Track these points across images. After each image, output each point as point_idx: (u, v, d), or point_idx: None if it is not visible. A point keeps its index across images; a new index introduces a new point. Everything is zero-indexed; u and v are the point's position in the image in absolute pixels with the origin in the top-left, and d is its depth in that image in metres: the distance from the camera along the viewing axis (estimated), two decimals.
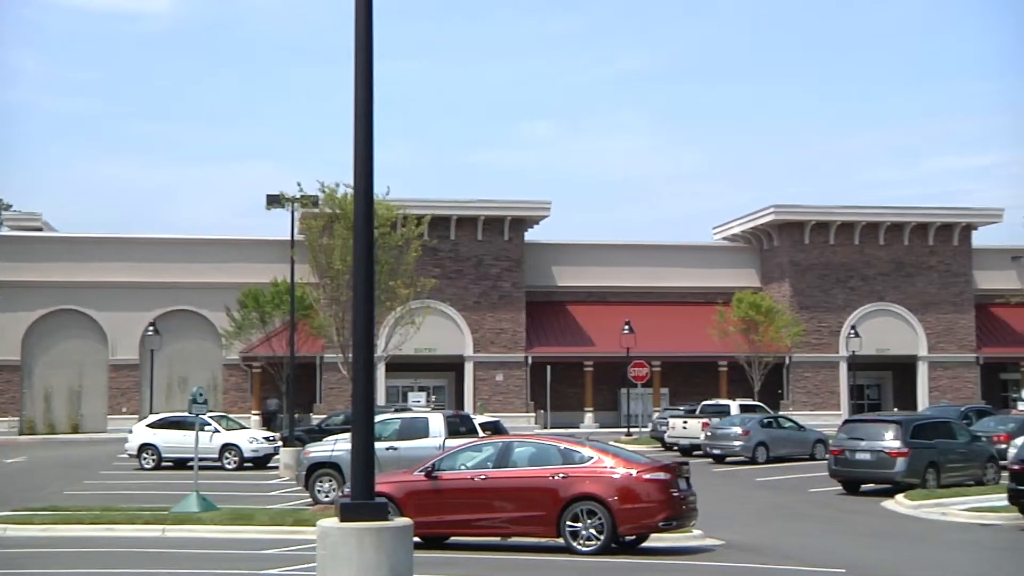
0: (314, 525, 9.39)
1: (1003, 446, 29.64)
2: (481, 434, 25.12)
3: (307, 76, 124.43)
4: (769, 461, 34.91)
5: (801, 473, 31.67)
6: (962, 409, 38.85)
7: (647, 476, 16.26)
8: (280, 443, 34.82)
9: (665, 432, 41.03)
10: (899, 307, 55.75)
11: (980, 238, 57.67)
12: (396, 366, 48.95)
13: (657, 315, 55.81)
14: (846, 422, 29.73)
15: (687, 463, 17.81)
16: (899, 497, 24.01)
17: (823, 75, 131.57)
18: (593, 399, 54.64)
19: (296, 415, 38.22)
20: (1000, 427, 33.20)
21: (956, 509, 22.36)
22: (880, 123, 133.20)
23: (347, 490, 11.90)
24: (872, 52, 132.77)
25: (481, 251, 54.51)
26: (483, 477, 16.86)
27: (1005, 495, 20.94)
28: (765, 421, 36.95)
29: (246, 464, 34.71)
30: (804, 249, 55.69)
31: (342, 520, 9.03)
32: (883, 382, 59.01)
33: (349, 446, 9.85)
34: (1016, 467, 20.38)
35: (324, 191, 36.62)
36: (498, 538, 17.39)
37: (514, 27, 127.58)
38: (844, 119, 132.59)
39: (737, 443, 35.31)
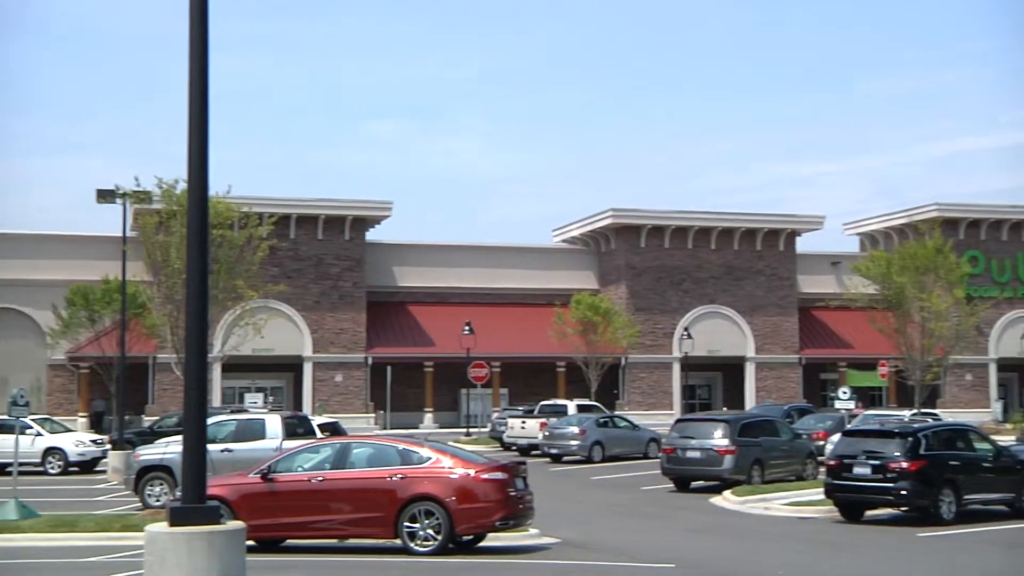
0: (143, 531, 9.14)
1: (821, 443, 31.20)
2: (319, 435, 24.88)
3: (144, 69, 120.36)
4: (605, 460, 35.68)
5: (635, 471, 32.50)
6: (785, 408, 40.62)
7: (485, 476, 16.43)
8: (108, 446, 33.65)
9: (504, 432, 41.44)
10: (729, 310, 57.81)
11: (803, 244, 60.39)
12: (233, 367, 47.91)
13: (497, 316, 56.30)
14: (678, 421, 30.69)
15: (524, 463, 18.08)
16: (726, 493, 24.95)
17: (665, 82, 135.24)
18: (433, 400, 54.73)
19: (127, 417, 36.99)
20: (819, 425, 34.92)
21: (778, 504, 23.40)
22: (715, 130, 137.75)
23: (179, 494, 11.63)
24: (711, 61, 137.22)
25: (322, 250, 53.92)
26: (320, 479, 16.73)
27: (822, 490, 22.08)
28: (601, 421, 37.76)
29: (72, 468, 33.40)
30: (640, 252, 57.13)
31: (172, 524, 8.83)
32: (714, 382, 61.08)
33: (181, 448, 9.65)
34: (832, 463, 21.50)
35: (161, 187, 35.64)
36: (335, 540, 17.28)
37: (358, 27, 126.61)
38: (683, 125, 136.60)
39: (574, 443, 35.96)
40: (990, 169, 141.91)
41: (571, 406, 41.26)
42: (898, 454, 20.40)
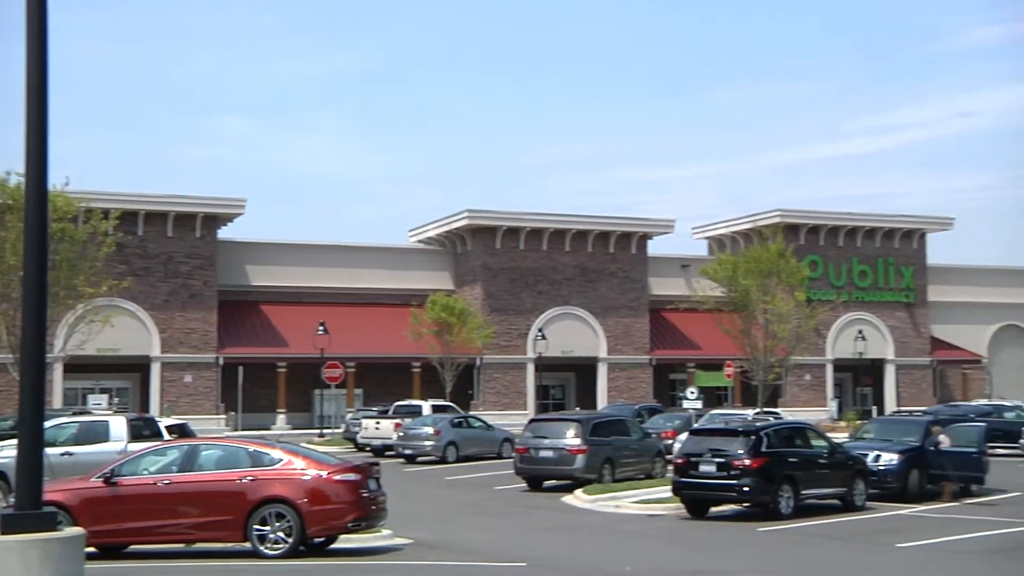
0: None
1: (670, 442, 32.00)
2: (167, 437, 24.23)
3: None
4: (459, 460, 35.78)
5: (489, 471, 32.70)
6: (636, 407, 41.52)
7: (337, 477, 16.29)
8: None
9: (358, 433, 41.14)
10: (582, 311, 58.70)
11: (654, 247, 61.81)
12: (76, 367, 46.14)
13: (352, 316, 55.84)
14: (531, 421, 31.00)
15: (378, 463, 18.01)
16: (578, 492, 25.35)
17: (522, 84, 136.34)
18: (286, 400, 53.89)
19: None
20: (668, 424, 35.82)
21: (628, 502, 23.90)
22: (570, 133, 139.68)
23: (12, 500, 11.17)
24: (566, 65, 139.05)
25: (171, 248, 52.45)
26: (167, 482, 16.29)
27: (670, 487, 22.67)
28: (455, 421, 37.85)
29: None
30: (496, 254, 57.49)
31: (4, 533, 8.48)
32: (567, 382, 61.94)
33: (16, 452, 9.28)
34: (680, 461, 22.11)
35: None
36: (182, 545, 16.86)
37: (209, 18, 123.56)
38: (538, 128, 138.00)
39: (428, 443, 35.95)
40: (830, 177, 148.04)
41: (426, 406, 41.22)
42: (741, 452, 21.10)
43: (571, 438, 27.20)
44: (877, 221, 63.82)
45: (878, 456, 24.37)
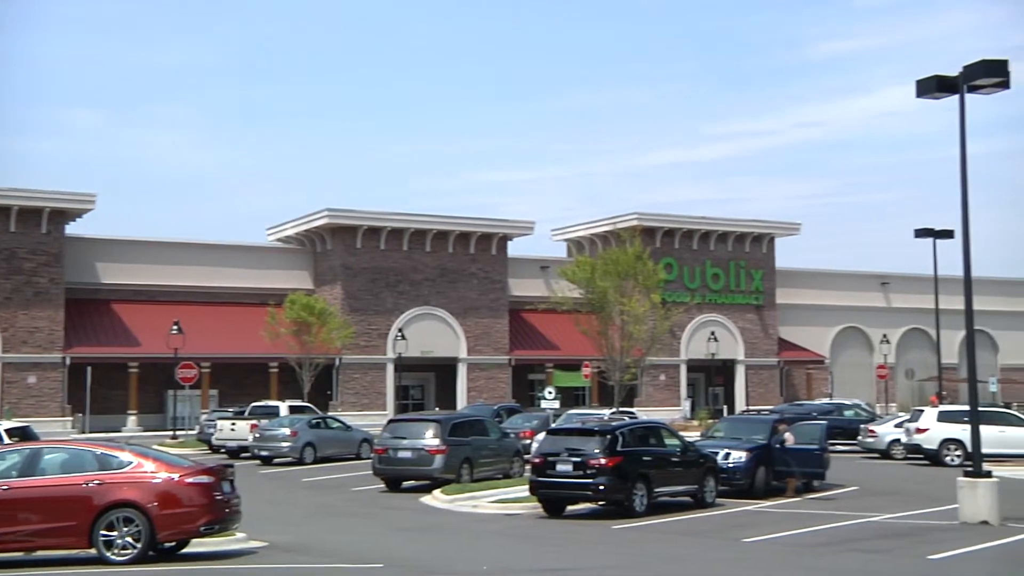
0: None
1: (528, 441, 32.31)
2: (7, 441, 23.26)
3: None
4: (317, 461, 35.41)
5: (347, 472, 32.47)
6: (495, 408, 41.79)
7: (189, 480, 15.94)
8: None
9: (212, 435, 40.31)
10: (443, 311, 58.77)
11: (515, 248, 62.32)
12: None
13: (208, 315, 54.61)
14: (390, 422, 30.90)
15: (232, 465, 17.69)
16: (436, 492, 25.40)
17: (381, 84, 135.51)
18: (138, 402, 52.32)
19: None
20: (526, 424, 36.15)
21: (486, 502, 24.07)
22: (434, 134, 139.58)
23: None
24: (428, 66, 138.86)
25: (14, 244, 50.31)
26: (6, 487, 15.65)
27: (527, 487, 22.93)
28: (313, 422, 37.44)
29: None
30: (356, 253, 57.05)
31: None
32: (427, 383, 61.89)
33: None
34: (537, 460, 22.38)
35: None
36: (22, 553, 16.23)
37: (53, 5, 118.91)
38: (400, 127, 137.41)
39: (285, 444, 35.48)
40: (686, 181, 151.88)
41: (283, 407, 40.64)
42: (597, 451, 21.49)
43: (430, 438, 27.24)
44: (729, 225, 65.81)
45: (728, 454, 25.19)
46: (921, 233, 45.83)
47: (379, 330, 57.16)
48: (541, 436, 28.32)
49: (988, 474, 20.45)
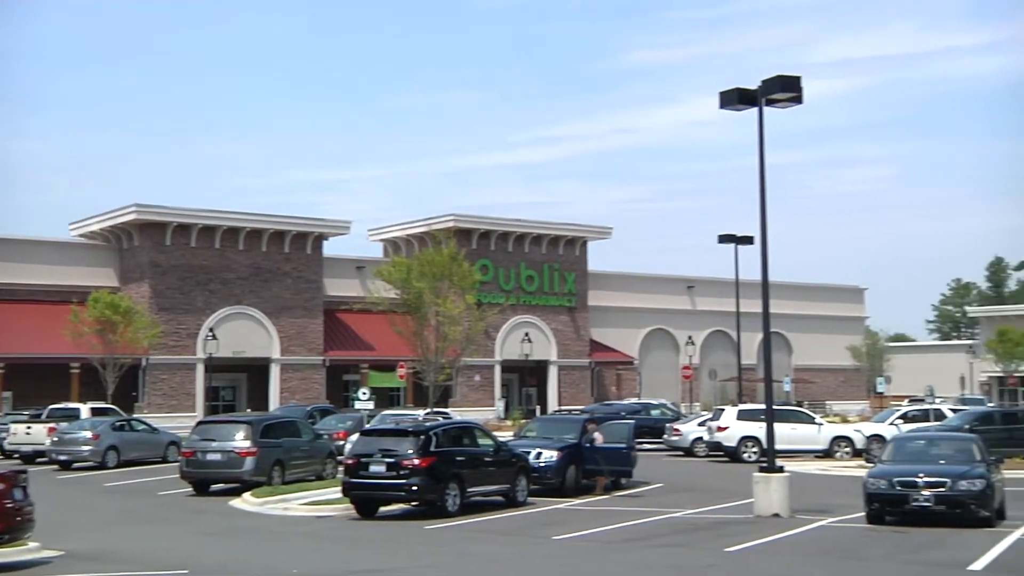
0: None
1: (342, 443, 32.07)
2: None
3: None
4: (121, 465, 34.19)
5: (153, 476, 31.44)
6: (308, 409, 41.29)
7: None
8: None
9: (5, 439, 38.34)
10: (256, 311, 57.57)
11: (330, 248, 61.67)
12: None
13: (3, 313, 51.82)
14: (199, 423, 30.12)
15: (26, 471, 16.86)
16: (246, 495, 24.90)
17: (195, 79, 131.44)
18: None
19: None
20: (340, 425, 35.87)
21: (297, 504, 23.77)
22: (248, 131, 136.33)
23: None
24: (241, 63, 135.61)
25: None
26: None
27: (340, 488, 22.77)
28: (117, 424, 36.11)
29: None
30: (165, 250, 55.24)
31: None
32: (239, 383, 60.48)
33: None
34: (350, 462, 22.25)
35: None
36: None
37: None
38: (214, 124, 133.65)
39: (86, 448, 34.09)
40: (502, 183, 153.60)
41: (84, 409, 39.03)
42: (411, 452, 21.53)
43: (240, 440, 26.69)
44: (544, 228, 66.99)
45: (540, 453, 25.68)
46: (724, 239, 47.89)
47: (189, 330, 55.50)
48: (355, 437, 28.17)
49: (781, 469, 21.58)
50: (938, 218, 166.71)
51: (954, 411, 41.57)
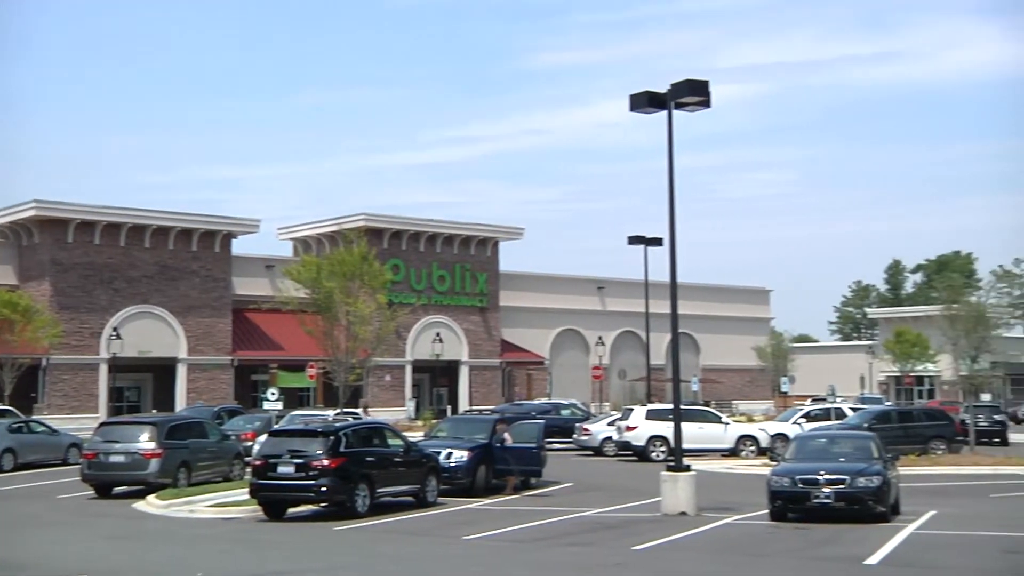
0: None
1: (250, 443, 31.70)
2: None
3: None
4: (18, 468, 33.29)
5: (52, 479, 30.68)
6: (215, 409, 40.70)
7: None
8: None
9: None
10: (162, 310, 56.49)
11: (239, 246, 60.81)
12: None
13: None
14: (102, 425, 29.54)
15: None
16: (150, 498, 24.45)
17: (107, 73, 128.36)
18: None
19: None
20: (248, 426, 35.45)
21: (203, 506, 23.42)
22: (154, 126, 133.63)
23: None
24: (146, 55, 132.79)
25: None
26: None
27: (248, 490, 22.50)
28: (14, 426, 35.14)
29: None
30: (67, 248, 53.88)
31: None
32: (144, 384, 59.28)
33: None
34: (258, 463, 22.00)
35: None
36: None
37: None
38: (125, 119, 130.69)
39: None
40: (414, 183, 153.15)
41: None
42: (320, 452, 21.38)
43: (145, 442, 26.19)
44: (455, 228, 66.97)
45: (450, 454, 25.73)
46: (634, 240, 48.47)
47: (92, 329, 54.21)
48: (263, 438, 27.85)
49: (688, 468, 21.95)
50: (840, 222, 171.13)
51: (854, 410, 42.78)
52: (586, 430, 40.97)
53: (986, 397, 55.47)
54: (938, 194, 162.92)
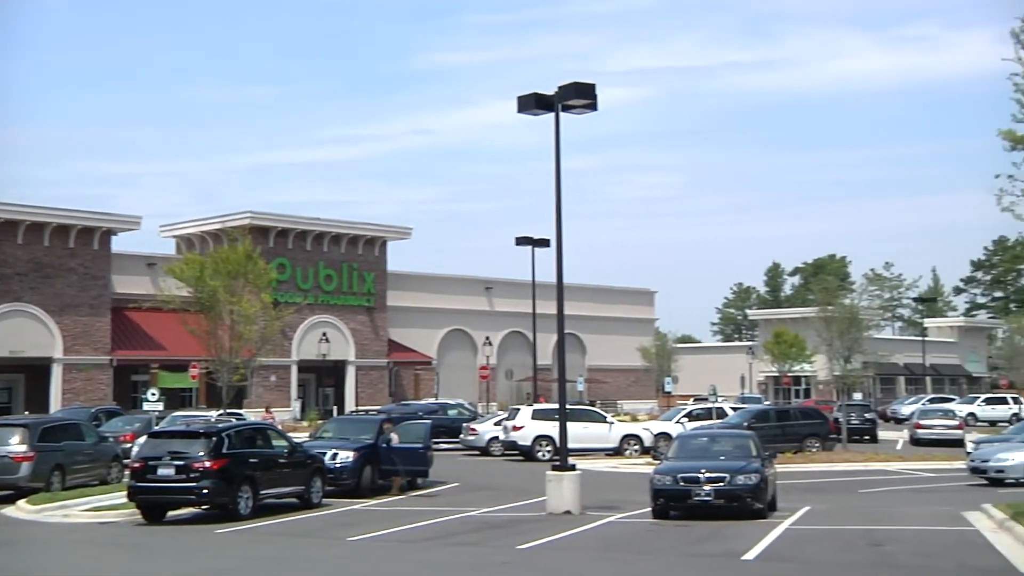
0: None
1: (129, 445, 30.94)
2: None
3: None
4: None
5: None
6: (92, 410, 39.60)
7: None
8: None
9: None
10: (36, 308, 54.63)
11: (119, 244, 59.19)
12: None
13: None
14: None
15: None
16: (21, 503, 23.70)
17: None
18: None
19: None
20: (127, 427, 34.61)
21: (78, 510, 22.77)
22: (31, 118, 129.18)
23: None
24: (28, 46, 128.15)
25: None
26: None
27: (125, 493, 21.95)
28: None
29: None
30: None
31: None
32: (16, 385, 57.22)
33: None
34: (137, 465, 21.50)
35: None
36: None
37: None
38: None
39: None
40: (302, 182, 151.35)
41: None
42: (202, 454, 20.99)
43: (15, 444, 25.33)
44: (343, 228, 66.39)
45: (335, 454, 25.56)
46: (521, 241, 48.77)
47: None
48: (143, 440, 27.22)
49: (573, 467, 22.20)
50: (722, 225, 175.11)
51: (734, 409, 43.85)
52: (473, 430, 41.08)
53: (858, 396, 57.46)
54: (816, 199, 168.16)
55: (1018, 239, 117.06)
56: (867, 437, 46.37)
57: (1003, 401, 64.22)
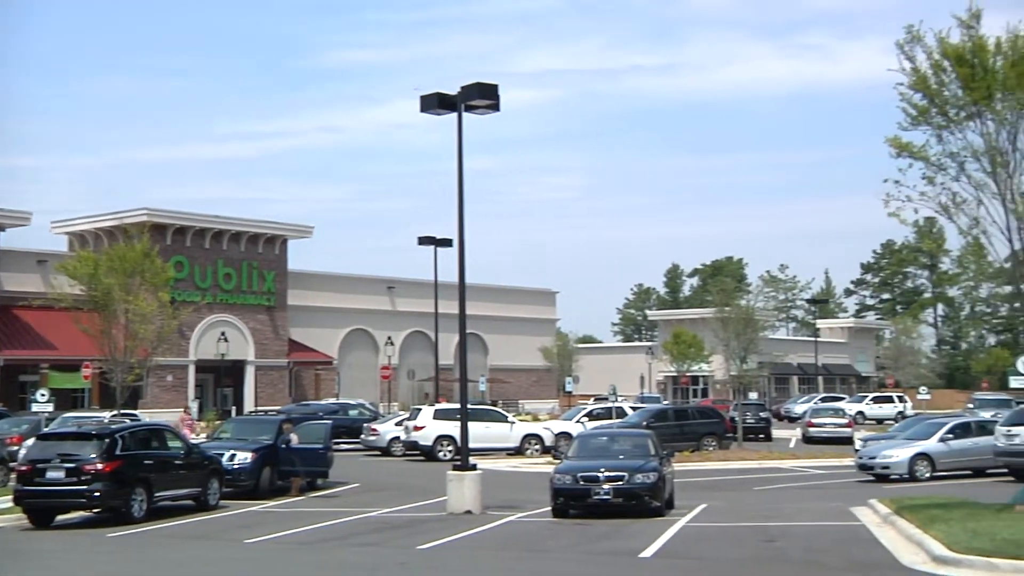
0: None
1: (16, 448, 30.01)
2: None
3: None
4: None
5: None
6: None
7: None
8: None
9: None
10: None
11: (8, 240, 57.37)
12: None
13: None
14: None
15: None
16: None
17: None
18: None
19: None
20: (14, 429, 33.56)
21: None
22: None
23: None
24: None
25: None
26: None
27: (12, 497, 21.31)
28: None
29: None
30: None
31: None
32: None
33: None
34: (24, 468, 20.91)
35: None
36: None
37: None
38: None
39: None
40: (203, 178, 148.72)
41: None
42: (93, 456, 20.51)
43: None
44: (243, 225, 65.36)
45: (233, 455, 25.20)
46: (424, 241, 48.69)
47: None
48: (31, 442, 26.44)
49: (474, 467, 22.26)
50: (624, 227, 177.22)
51: (634, 409, 44.43)
52: (374, 430, 40.87)
53: (753, 395, 58.70)
54: (715, 201, 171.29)
55: (904, 243, 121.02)
56: (762, 436, 47.41)
57: (889, 400, 66.47)
